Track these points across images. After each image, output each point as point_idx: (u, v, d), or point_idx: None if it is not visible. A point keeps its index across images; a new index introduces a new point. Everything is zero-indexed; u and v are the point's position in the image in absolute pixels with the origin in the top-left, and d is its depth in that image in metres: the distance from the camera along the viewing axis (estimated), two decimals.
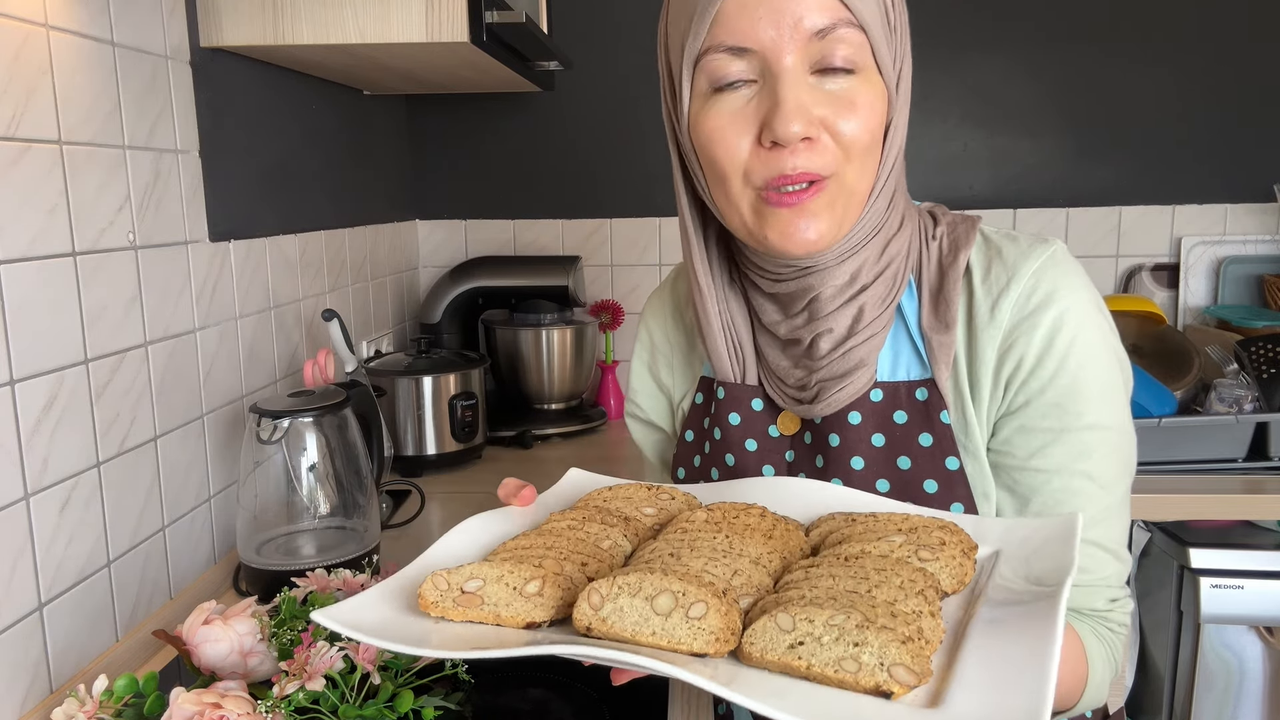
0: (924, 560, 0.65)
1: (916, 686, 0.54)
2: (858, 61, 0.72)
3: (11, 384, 0.92)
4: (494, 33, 1.37)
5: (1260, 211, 2.18)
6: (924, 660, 0.55)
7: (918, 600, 0.60)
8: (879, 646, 0.55)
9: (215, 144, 1.31)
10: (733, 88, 0.73)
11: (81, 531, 1.03)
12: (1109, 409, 0.77)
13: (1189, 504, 1.57)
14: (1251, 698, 1.65)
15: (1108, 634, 0.80)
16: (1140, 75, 2.15)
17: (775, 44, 0.70)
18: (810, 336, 0.80)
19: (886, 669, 0.55)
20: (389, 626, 0.63)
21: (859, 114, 0.72)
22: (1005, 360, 0.78)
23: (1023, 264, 0.78)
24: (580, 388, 2.08)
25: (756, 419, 0.86)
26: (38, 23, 0.97)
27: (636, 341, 1.01)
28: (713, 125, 0.74)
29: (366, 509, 1.24)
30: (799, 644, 0.57)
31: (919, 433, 0.80)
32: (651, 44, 0.87)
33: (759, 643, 0.58)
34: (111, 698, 0.81)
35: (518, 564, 0.65)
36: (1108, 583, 0.80)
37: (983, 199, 2.20)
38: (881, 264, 0.79)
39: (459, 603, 0.65)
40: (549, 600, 0.64)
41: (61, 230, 1.00)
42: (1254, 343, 1.78)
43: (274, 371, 1.49)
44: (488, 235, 2.28)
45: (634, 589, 0.60)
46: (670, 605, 0.59)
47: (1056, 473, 0.77)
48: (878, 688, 0.55)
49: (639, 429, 1.02)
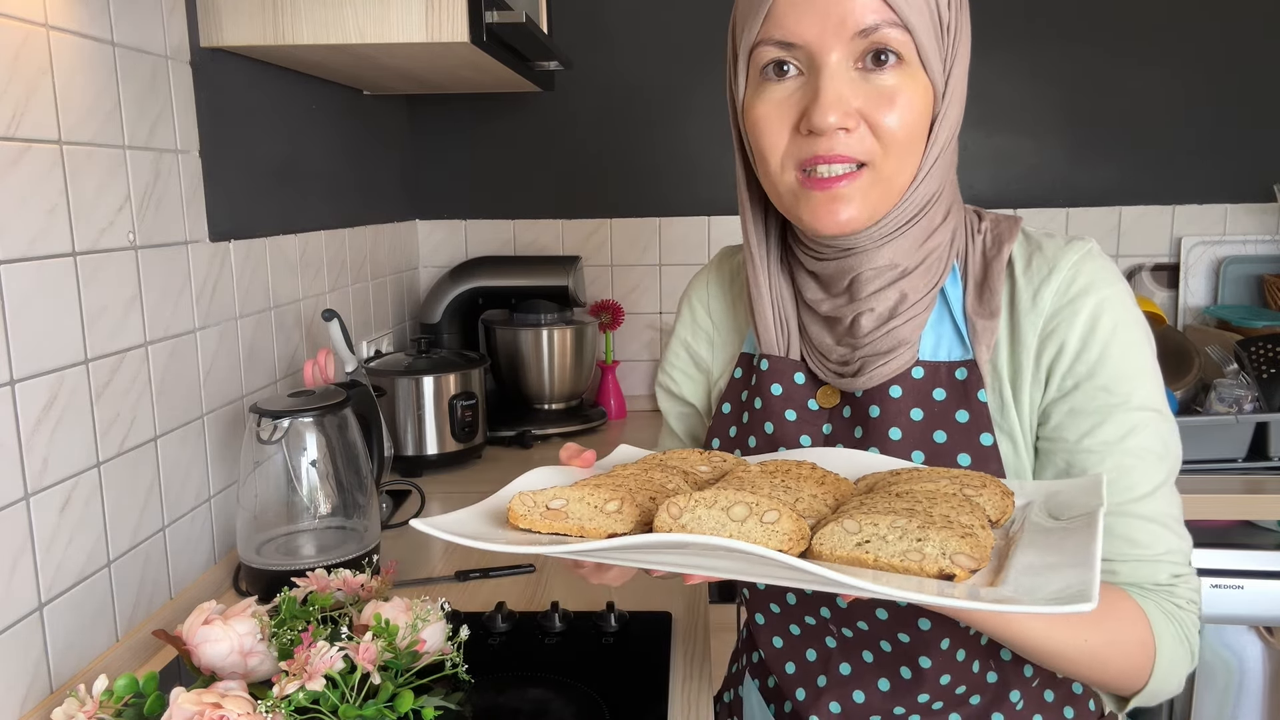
0: (968, 496, 0.70)
1: (977, 570, 0.61)
2: (901, 59, 0.75)
3: (11, 384, 0.92)
4: (494, 33, 1.37)
5: (1260, 211, 2.18)
6: (984, 549, 0.61)
7: (969, 517, 0.64)
8: (940, 540, 0.61)
9: (215, 144, 1.31)
10: (780, 79, 0.77)
11: (81, 531, 1.03)
12: (1152, 391, 0.80)
13: (1189, 504, 1.56)
14: (1251, 698, 1.65)
15: (1174, 609, 0.80)
16: (1140, 75, 2.15)
17: (820, 40, 0.74)
18: (851, 315, 0.83)
19: (949, 557, 0.61)
20: (484, 533, 0.70)
21: (897, 108, 0.75)
22: (1046, 345, 0.81)
23: (1062, 257, 0.82)
24: (580, 388, 2.08)
25: (797, 391, 0.89)
26: (38, 23, 0.97)
27: (677, 319, 1.04)
28: (760, 113, 0.78)
29: (366, 509, 1.24)
30: (865, 542, 0.63)
31: (956, 409, 0.83)
32: (651, 44, 0.89)
33: (828, 542, 0.64)
34: (111, 698, 0.81)
35: (596, 487, 0.71)
36: (1169, 558, 0.80)
37: (983, 199, 2.20)
38: (923, 252, 0.83)
39: (546, 516, 0.70)
40: (628, 516, 0.70)
41: (61, 230, 1.00)
42: (1254, 343, 1.78)
43: (274, 371, 1.49)
44: (488, 235, 2.28)
45: (710, 501, 0.65)
46: (745, 514, 0.64)
47: (1108, 452, 0.79)
48: (941, 572, 0.61)
49: (667, 400, 1.06)
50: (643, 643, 1.06)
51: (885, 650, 0.88)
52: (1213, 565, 1.57)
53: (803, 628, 0.93)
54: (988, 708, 0.88)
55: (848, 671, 0.90)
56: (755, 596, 0.95)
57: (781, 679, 0.96)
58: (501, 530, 0.71)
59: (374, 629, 0.84)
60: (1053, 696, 0.90)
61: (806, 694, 0.93)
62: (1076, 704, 0.92)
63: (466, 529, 0.69)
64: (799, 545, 0.63)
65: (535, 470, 0.82)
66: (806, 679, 0.94)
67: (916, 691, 0.87)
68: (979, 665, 0.87)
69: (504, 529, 0.72)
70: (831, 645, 0.91)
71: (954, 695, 0.87)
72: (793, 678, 0.95)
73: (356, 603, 0.96)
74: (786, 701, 0.97)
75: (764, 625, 0.96)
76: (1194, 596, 0.82)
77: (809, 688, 0.93)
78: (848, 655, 0.90)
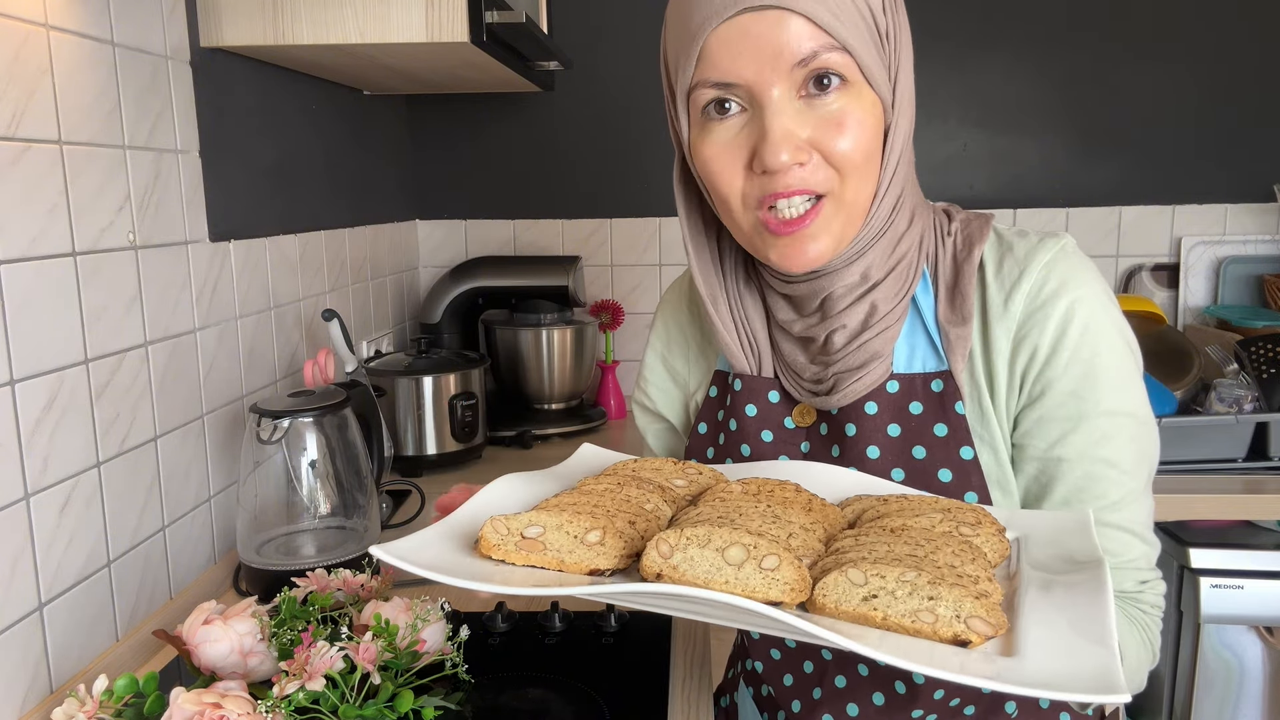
0: (965, 536, 0.67)
1: (993, 637, 0.57)
2: (845, 80, 0.72)
3: (11, 384, 0.92)
4: (494, 33, 1.37)
5: (1260, 211, 2.18)
6: (999, 613, 0.57)
7: (974, 566, 0.61)
8: (954, 601, 0.56)
9: (215, 144, 1.31)
10: (723, 117, 0.75)
11: (81, 531, 1.03)
12: (1125, 395, 0.78)
13: (1189, 504, 1.57)
14: (1251, 698, 1.65)
15: (1140, 615, 0.80)
16: (1140, 75, 2.15)
17: (759, 77, 0.71)
18: (825, 333, 0.81)
19: (963, 620, 0.56)
20: (453, 565, 0.64)
21: (848, 132, 0.73)
22: (1019, 351, 0.79)
23: (1034, 257, 0.80)
24: (580, 388, 2.08)
25: (773, 410, 0.88)
26: (38, 23, 0.97)
27: (652, 331, 1.02)
28: (709, 154, 0.76)
29: (366, 509, 1.24)
30: (873, 596, 0.58)
31: (934, 423, 0.81)
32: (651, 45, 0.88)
33: (832, 595, 0.59)
34: (111, 698, 0.80)
35: (576, 514, 0.65)
36: (1135, 565, 0.80)
37: (983, 199, 2.20)
38: (892, 260, 0.81)
39: (521, 546, 0.65)
40: (611, 550, 0.64)
41: (61, 230, 1.00)
42: (1254, 343, 1.78)
43: (274, 371, 1.49)
44: (488, 235, 2.28)
45: (703, 540, 0.60)
46: (742, 557, 0.59)
47: (1078, 460, 0.78)
48: (956, 638, 0.56)
49: (644, 418, 1.04)
50: (643, 643, 1.06)
51: (879, 664, 0.87)
52: (1213, 565, 1.57)
53: (798, 641, 0.92)
54: (982, 718, 0.88)
55: (843, 684, 0.90)
56: None
57: (778, 690, 0.96)
58: (473, 560, 0.65)
59: (374, 629, 0.84)
60: (1047, 702, 0.90)
61: (802, 706, 0.93)
62: (1072, 711, 0.91)
63: (434, 558, 0.64)
64: (800, 595, 0.59)
65: (502, 479, 0.77)
66: (802, 691, 0.93)
67: (911, 706, 0.87)
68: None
69: (474, 556, 0.66)
70: (827, 658, 0.91)
71: (948, 708, 0.87)
72: (789, 690, 0.94)
73: (356, 603, 0.96)
74: (780, 711, 0.97)
75: (759, 640, 0.96)
76: (1159, 601, 0.82)
77: (804, 700, 0.93)
78: (843, 668, 0.90)
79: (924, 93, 2.11)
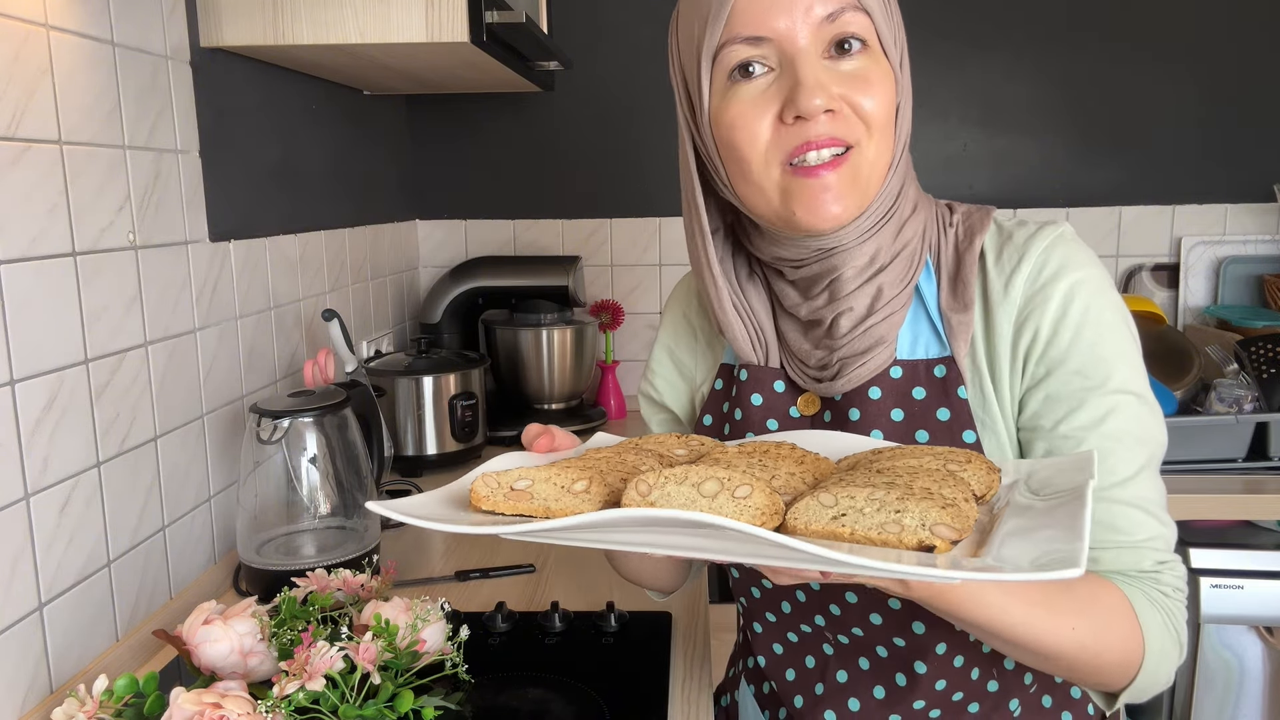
0: (952, 470, 0.68)
1: (958, 540, 0.57)
2: (865, 44, 0.76)
3: (11, 384, 0.92)
4: (494, 33, 1.37)
5: (1260, 211, 2.18)
6: (966, 519, 0.58)
7: (951, 490, 0.62)
8: (920, 511, 0.58)
9: (215, 144, 1.31)
10: (751, 76, 0.76)
11: (81, 531, 1.03)
12: (1129, 374, 0.79)
13: (1189, 504, 1.57)
14: (1251, 698, 1.65)
15: (1161, 597, 0.78)
16: (1140, 75, 2.15)
17: (789, 30, 0.74)
18: (831, 316, 0.82)
19: (928, 527, 0.57)
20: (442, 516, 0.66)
21: (874, 90, 0.76)
22: (1021, 334, 0.81)
23: (1033, 244, 0.81)
24: (580, 388, 2.08)
25: (778, 400, 0.89)
26: (38, 23, 0.97)
27: (661, 326, 1.03)
28: (735, 113, 0.77)
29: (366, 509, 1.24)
30: (842, 515, 0.60)
31: (937, 408, 0.82)
32: (651, 45, 0.89)
33: (802, 516, 0.61)
34: (111, 698, 0.81)
35: (564, 467, 0.68)
36: (1152, 544, 0.79)
37: (983, 199, 2.20)
38: (898, 245, 0.82)
39: (509, 497, 0.67)
40: (596, 496, 0.66)
41: (61, 230, 1.00)
42: (1254, 343, 1.78)
43: (274, 371, 1.49)
44: (488, 235, 2.28)
45: (680, 478, 0.62)
46: (716, 489, 0.61)
47: (1086, 436, 0.79)
48: (921, 544, 0.57)
49: (649, 409, 1.04)
50: (643, 643, 1.06)
51: (881, 656, 0.87)
52: (1213, 565, 1.57)
53: (799, 635, 0.93)
54: (986, 716, 0.88)
55: (844, 679, 0.90)
56: (752, 605, 0.95)
57: (780, 686, 0.96)
58: (464, 513, 0.68)
59: (374, 629, 0.84)
60: (1050, 702, 0.90)
61: (804, 701, 0.93)
62: (1075, 709, 0.91)
63: (425, 511, 0.66)
64: (772, 520, 0.61)
65: (501, 456, 0.79)
66: (804, 686, 0.93)
67: (911, 698, 0.87)
68: (979, 672, 0.86)
69: (467, 512, 0.68)
70: (829, 652, 0.91)
71: (950, 702, 0.87)
72: (791, 685, 0.95)
73: (356, 603, 0.96)
74: (782, 708, 0.97)
75: (761, 634, 0.96)
76: (1180, 584, 0.81)
77: (807, 695, 0.93)
78: (844, 662, 0.90)
79: (924, 93, 2.12)
